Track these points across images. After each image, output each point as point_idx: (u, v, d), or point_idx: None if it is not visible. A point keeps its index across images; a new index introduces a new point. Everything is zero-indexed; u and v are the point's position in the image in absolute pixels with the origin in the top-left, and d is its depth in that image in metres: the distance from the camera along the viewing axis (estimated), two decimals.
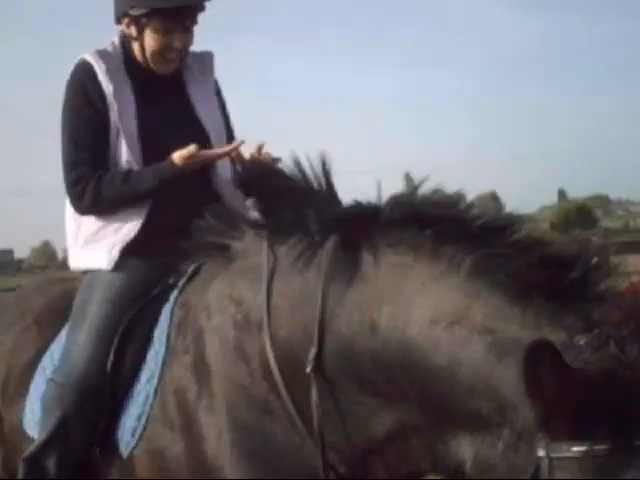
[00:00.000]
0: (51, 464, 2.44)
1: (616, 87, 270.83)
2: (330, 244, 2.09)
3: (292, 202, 2.27)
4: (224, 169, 2.74)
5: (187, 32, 2.64)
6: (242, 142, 2.63)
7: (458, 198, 2.04)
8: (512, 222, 1.95)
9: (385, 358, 1.94)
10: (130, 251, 2.60)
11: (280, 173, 2.38)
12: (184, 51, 2.68)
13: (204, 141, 2.68)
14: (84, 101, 2.63)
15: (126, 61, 2.69)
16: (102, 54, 2.67)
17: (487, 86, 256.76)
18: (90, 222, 2.67)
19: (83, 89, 2.64)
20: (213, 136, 2.74)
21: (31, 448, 2.49)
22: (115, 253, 2.60)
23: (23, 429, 2.66)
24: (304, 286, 2.13)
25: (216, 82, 2.90)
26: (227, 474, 2.15)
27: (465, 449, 1.85)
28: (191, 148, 2.52)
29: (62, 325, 2.74)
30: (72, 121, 2.65)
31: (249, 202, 2.62)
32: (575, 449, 1.60)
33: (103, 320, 2.50)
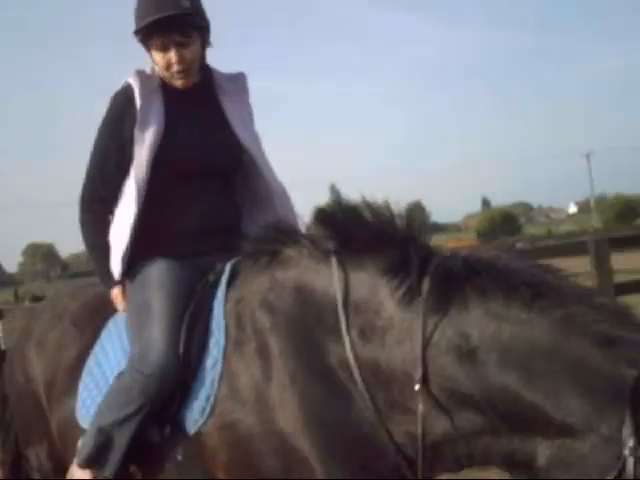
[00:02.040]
0: (122, 440, 2.65)
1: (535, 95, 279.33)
2: (426, 287, 2.21)
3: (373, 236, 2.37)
4: (270, 173, 2.99)
5: (183, 47, 2.79)
6: None
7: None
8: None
9: (484, 382, 2.10)
10: (160, 252, 2.82)
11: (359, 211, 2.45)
12: (190, 64, 2.84)
13: (237, 148, 2.93)
14: (116, 128, 2.85)
15: (162, 82, 2.89)
16: (142, 75, 2.87)
17: (406, 97, 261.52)
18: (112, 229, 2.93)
19: (118, 115, 2.85)
20: (247, 144, 2.94)
21: (107, 421, 2.66)
22: (118, 265, 2.85)
23: (76, 422, 2.88)
24: (397, 314, 2.27)
25: (249, 104, 3.09)
26: (298, 441, 2.33)
27: (542, 450, 2.02)
28: (120, 303, 2.88)
29: (99, 325, 3.01)
30: (101, 146, 2.91)
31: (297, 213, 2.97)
32: None
33: (170, 315, 2.68)
